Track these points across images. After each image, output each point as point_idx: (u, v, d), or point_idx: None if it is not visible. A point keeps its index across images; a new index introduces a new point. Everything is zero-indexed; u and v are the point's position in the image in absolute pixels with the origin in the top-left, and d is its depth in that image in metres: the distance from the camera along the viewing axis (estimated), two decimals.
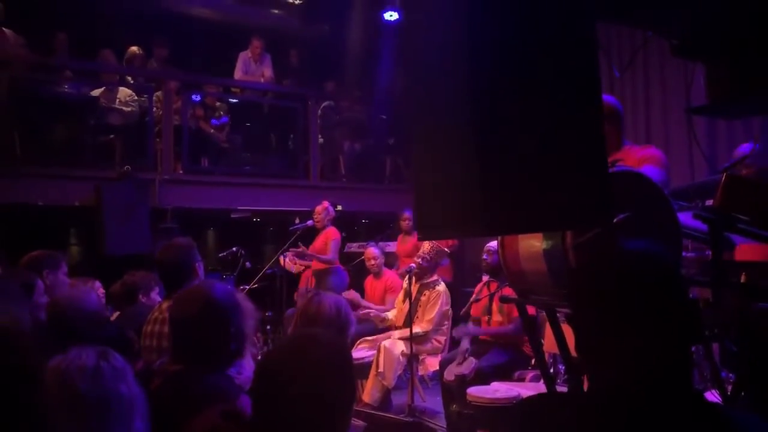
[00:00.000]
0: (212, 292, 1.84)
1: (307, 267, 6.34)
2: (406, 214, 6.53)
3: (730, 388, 2.74)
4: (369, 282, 6.06)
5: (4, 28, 6.42)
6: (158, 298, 3.62)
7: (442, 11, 1.64)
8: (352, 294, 5.71)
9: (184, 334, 1.81)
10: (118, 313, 3.70)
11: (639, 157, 2.82)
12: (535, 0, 1.53)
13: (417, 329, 4.90)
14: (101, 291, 3.71)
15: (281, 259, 6.32)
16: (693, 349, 3.65)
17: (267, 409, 1.22)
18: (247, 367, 2.38)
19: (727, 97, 1.79)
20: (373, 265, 5.90)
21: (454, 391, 4.07)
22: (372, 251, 5.93)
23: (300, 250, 6.12)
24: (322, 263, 6.14)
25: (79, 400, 1.18)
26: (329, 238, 6.21)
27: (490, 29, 1.51)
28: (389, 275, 5.97)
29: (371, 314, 5.46)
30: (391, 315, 5.40)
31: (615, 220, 1.90)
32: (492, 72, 1.51)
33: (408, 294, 5.03)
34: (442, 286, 5.16)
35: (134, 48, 7.13)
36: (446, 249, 6.28)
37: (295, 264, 6.38)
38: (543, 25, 1.52)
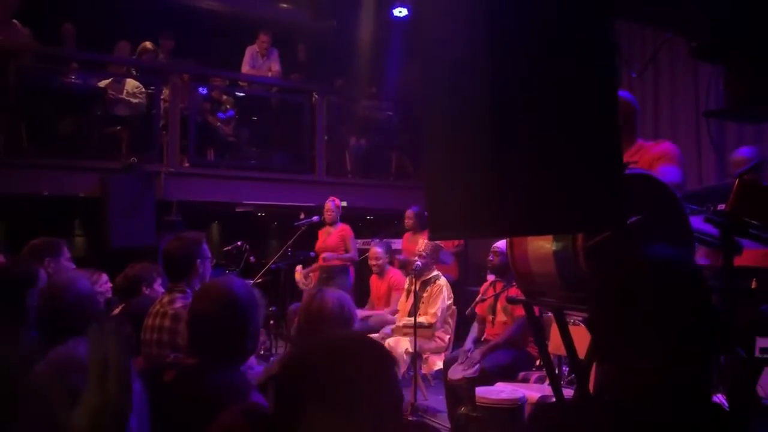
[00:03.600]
0: (234, 289, 1.83)
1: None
2: (410, 212, 6.50)
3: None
4: (374, 281, 6.05)
5: (13, 20, 6.42)
6: (161, 290, 3.61)
7: (458, 10, 1.62)
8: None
9: (203, 328, 1.81)
10: (122, 305, 3.68)
11: (653, 155, 2.78)
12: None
13: (421, 319, 4.90)
14: (108, 285, 3.70)
15: (297, 272, 6.35)
16: None
17: (293, 409, 1.11)
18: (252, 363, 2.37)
19: (745, 101, 1.77)
20: (375, 264, 5.88)
21: (461, 393, 4.05)
22: (376, 251, 5.90)
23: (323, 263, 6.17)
24: (344, 261, 6.15)
25: (71, 393, 1.15)
26: (347, 236, 6.20)
27: (508, 27, 1.50)
28: (393, 273, 5.95)
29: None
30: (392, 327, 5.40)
31: (627, 223, 1.89)
32: (509, 71, 1.50)
33: (409, 293, 5.03)
34: (442, 280, 5.16)
35: (147, 43, 7.10)
36: (451, 247, 6.28)
37: (308, 277, 6.38)
38: (561, 23, 1.50)
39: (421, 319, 4.89)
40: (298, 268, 6.41)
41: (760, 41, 1.65)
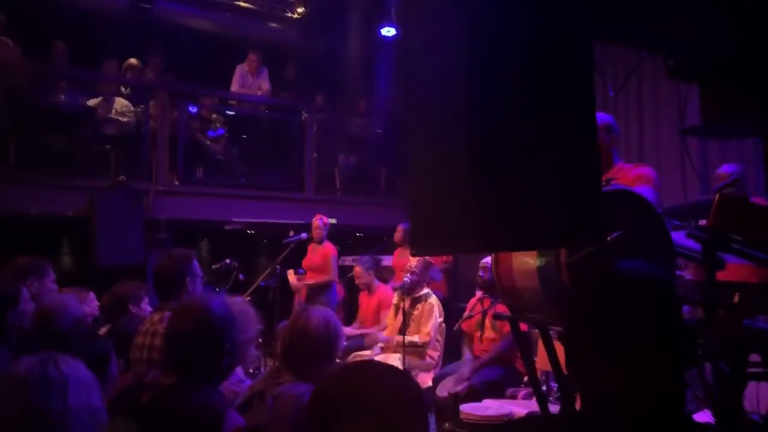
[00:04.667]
0: (209, 307, 1.83)
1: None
2: (401, 227, 6.52)
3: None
4: (363, 298, 6.04)
5: (2, 37, 6.43)
6: (148, 308, 3.60)
7: (439, 29, 1.65)
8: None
9: (179, 347, 1.80)
10: (109, 324, 3.66)
11: (632, 177, 2.83)
12: (533, 19, 1.54)
13: (414, 338, 4.88)
14: (95, 303, 3.68)
15: (290, 274, 6.31)
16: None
17: None
18: (240, 375, 2.37)
19: (720, 119, 1.81)
20: (360, 283, 5.89)
21: (447, 409, 4.04)
22: (358, 270, 5.90)
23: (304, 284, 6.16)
24: (322, 281, 6.14)
25: (1, 411, 1.15)
26: (328, 255, 6.20)
27: (487, 48, 1.53)
28: (382, 290, 5.94)
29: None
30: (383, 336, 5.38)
31: (608, 239, 1.91)
32: (488, 90, 1.52)
33: (398, 309, 5.02)
34: (433, 298, 5.13)
35: (132, 60, 7.14)
36: (440, 263, 6.29)
37: (300, 280, 6.36)
38: (540, 44, 1.53)
39: (414, 338, 4.87)
40: (291, 271, 6.38)
41: (734, 59, 1.69)
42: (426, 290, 5.17)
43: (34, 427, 1.16)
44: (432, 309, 5.05)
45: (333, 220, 6.62)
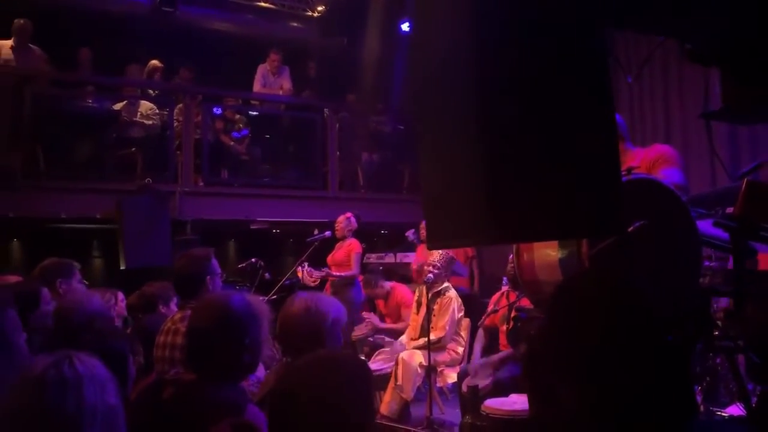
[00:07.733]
0: (230, 304, 1.84)
1: (324, 279, 6.33)
2: (425, 224, 6.47)
3: (755, 400, 2.67)
4: (380, 300, 6.06)
5: (30, 45, 6.58)
6: (176, 308, 3.64)
7: (450, 20, 1.64)
8: (373, 318, 5.72)
9: (200, 344, 1.82)
10: (134, 324, 3.71)
11: (651, 159, 2.77)
12: (545, 7, 1.51)
13: (431, 336, 4.86)
14: (124, 304, 3.73)
15: (299, 271, 6.30)
16: (718, 360, 3.51)
17: (283, 423, 1.19)
18: (260, 376, 2.38)
19: (742, 103, 1.75)
20: (379, 296, 5.97)
21: (468, 403, 4.02)
22: (370, 291, 5.99)
23: (323, 273, 6.15)
24: (344, 277, 6.14)
25: (18, 412, 1.17)
26: (352, 251, 6.17)
27: (499, 37, 1.50)
28: (398, 290, 5.93)
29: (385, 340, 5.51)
30: (404, 339, 5.36)
31: (630, 229, 1.87)
32: (501, 80, 1.50)
33: (420, 305, 5.01)
34: (452, 292, 5.11)
35: (155, 61, 7.23)
36: (465, 258, 6.25)
37: (311, 276, 6.34)
38: (553, 32, 1.51)
39: (431, 336, 4.85)
40: (299, 268, 6.36)
41: (753, 43, 1.64)
42: (446, 284, 5.13)
43: (50, 427, 1.17)
44: (449, 303, 5.02)
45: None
